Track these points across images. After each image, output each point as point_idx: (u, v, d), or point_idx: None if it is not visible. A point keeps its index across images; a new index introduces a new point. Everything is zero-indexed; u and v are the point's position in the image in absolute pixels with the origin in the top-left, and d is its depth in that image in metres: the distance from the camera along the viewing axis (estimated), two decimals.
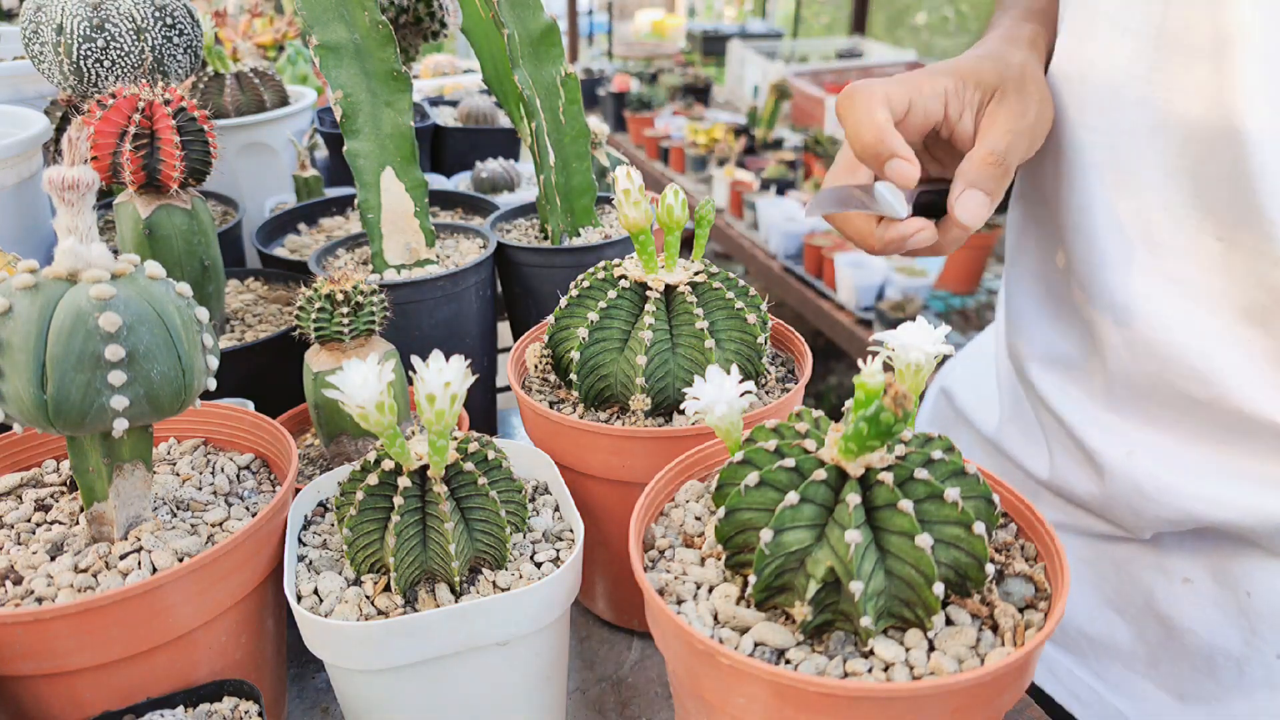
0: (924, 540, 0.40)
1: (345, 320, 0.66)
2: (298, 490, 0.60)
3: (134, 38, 0.81)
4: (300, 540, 0.58)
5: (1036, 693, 0.79)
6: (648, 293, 0.64)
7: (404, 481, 0.52)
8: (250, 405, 0.68)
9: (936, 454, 0.45)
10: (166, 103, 0.70)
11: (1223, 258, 0.60)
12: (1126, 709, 0.74)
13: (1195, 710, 0.71)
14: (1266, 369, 0.60)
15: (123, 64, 0.81)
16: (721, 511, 0.45)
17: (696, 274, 0.65)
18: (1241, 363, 0.61)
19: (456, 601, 0.53)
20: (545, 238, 0.92)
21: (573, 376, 0.64)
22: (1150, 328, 0.64)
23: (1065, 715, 0.78)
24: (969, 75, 0.63)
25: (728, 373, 0.49)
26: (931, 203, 0.62)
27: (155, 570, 0.52)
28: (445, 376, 0.47)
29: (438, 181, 1.18)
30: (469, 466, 0.53)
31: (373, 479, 0.52)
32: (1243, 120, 0.55)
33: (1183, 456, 0.66)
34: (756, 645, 0.43)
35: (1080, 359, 0.71)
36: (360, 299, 0.67)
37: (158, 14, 0.82)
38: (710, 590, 0.47)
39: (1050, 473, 0.75)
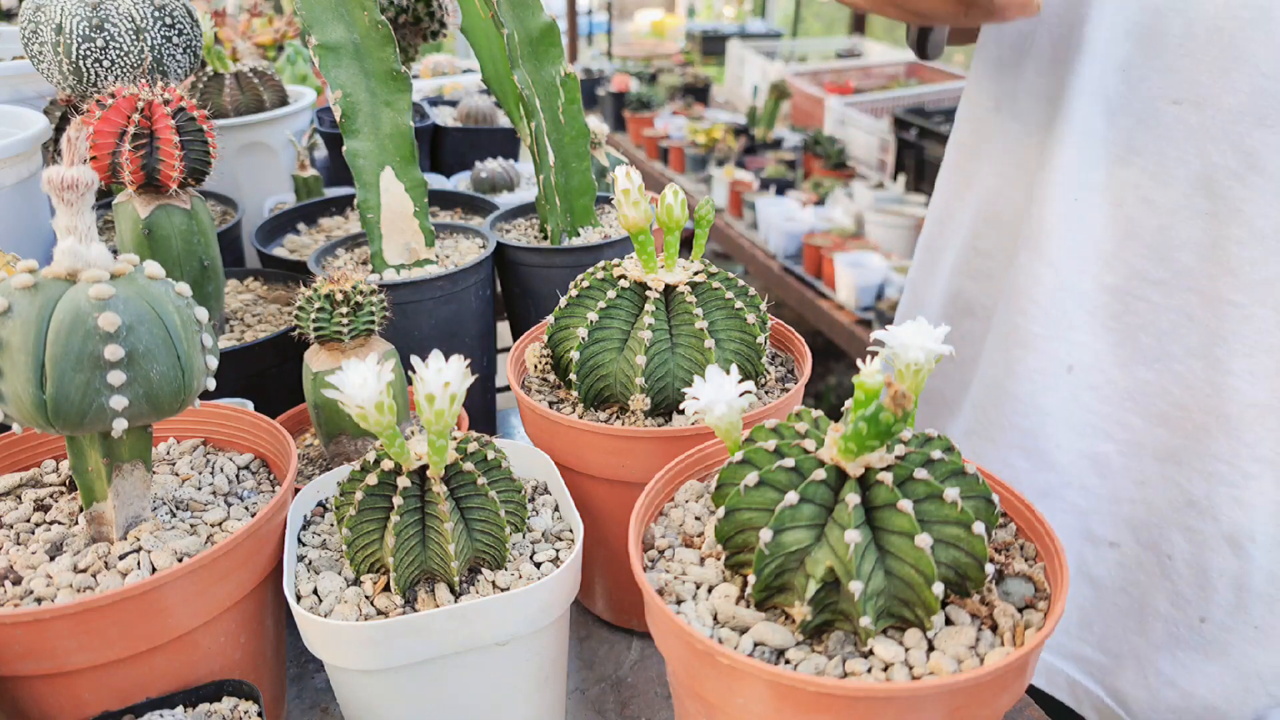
0: (923, 540, 0.40)
1: (345, 320, 0.66)
2: (297, 490, 0.60)
3: (133, 37, 0.81)
4: (300, 540, 0.57)
5: None
6: (647, 293, 0.64)
7: (403, 481, 0.51)
8: (250, 405, 0.68)
9: (936, 454, 0.45)
10: (166, 102, 0.70)
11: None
12: (1068, 669, 0.78)
13: (1128, 666, 0.74)
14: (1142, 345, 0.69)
15: (122, 64, 0.81)
16: (721, 511, 0.45)
17: (696, 274, 0.65)
18: (1100, 338, 0.70)
19: (456, 602, 0.53)
20: (545, 238, 0.92)
21: (572, 376, 0.64)
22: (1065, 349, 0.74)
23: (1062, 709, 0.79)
24: None
25: (727, 373, 0.49)
26: None
27: (155, 570, 0.52)
28: (445, 376, 0.47)
29: (437, 181, 1.17)
30: (468, 466, 0.53)
31: (372, 479, 0.52)
32: None
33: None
34: (756, 645, 0.43)
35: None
36: (360, 299, 0.67)
37: (157, 14, 0.82)
38: (710, 590, 0.47)
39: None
